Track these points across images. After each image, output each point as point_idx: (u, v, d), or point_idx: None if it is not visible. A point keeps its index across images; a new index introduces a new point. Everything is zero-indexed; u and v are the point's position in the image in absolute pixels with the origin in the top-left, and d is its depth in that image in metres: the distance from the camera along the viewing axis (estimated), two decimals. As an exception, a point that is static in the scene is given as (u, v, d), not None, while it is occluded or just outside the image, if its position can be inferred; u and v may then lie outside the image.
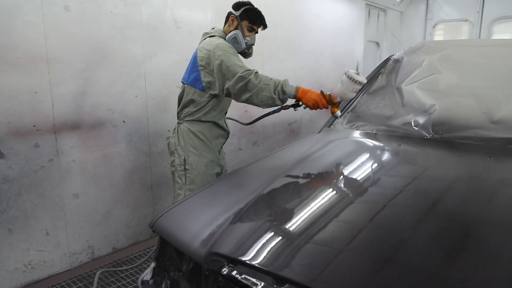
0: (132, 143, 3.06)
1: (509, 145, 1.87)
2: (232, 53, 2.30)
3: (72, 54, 2.63)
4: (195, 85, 2.38)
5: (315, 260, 1.18)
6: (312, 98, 2.22)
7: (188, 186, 2.41)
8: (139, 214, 3.21)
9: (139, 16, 2.98)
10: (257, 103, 2.25)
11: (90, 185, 2.85)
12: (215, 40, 2.36)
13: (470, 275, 1.06)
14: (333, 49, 5.34)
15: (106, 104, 2.86)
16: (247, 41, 2.45)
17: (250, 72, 2.20)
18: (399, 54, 2.81)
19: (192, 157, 2.40)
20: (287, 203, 1.61)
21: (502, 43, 2.54)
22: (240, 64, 2.24)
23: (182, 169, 2.42)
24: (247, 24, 2.43)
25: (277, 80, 2.23)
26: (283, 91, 2.21)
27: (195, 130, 2.42)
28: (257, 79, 2.19)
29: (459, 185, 1.64)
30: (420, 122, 2.19)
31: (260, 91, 2.18)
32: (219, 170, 2.57)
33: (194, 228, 1.46)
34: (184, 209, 1.63)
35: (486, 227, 1.32)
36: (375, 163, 1.99)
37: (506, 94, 2.18)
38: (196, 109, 2.40)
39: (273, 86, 2.19)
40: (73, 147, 2.72)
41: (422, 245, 1.20)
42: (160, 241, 1.62)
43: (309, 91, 2.25)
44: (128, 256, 3.07)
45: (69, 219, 2.76)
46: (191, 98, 2.40)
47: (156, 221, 1.57)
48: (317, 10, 4.91)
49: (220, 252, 1.25)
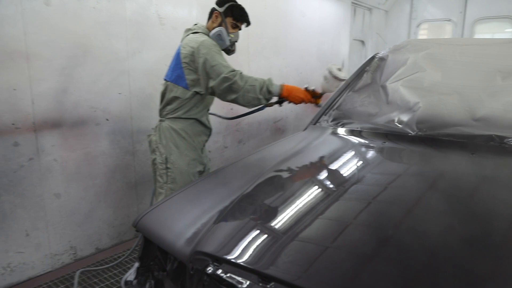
0: (115, 141, 3.01)
1: (490, 142, 1.89)
2: (217, 51, 2.28)
3: (53, 50, 2.57)
4: (178, 83, 2.35)
5: (300, 258, 1.17)
6: (298, 96, 2.31)
7: (170, 185, 2.38)
8: (123, 213, 3.16)
9: (123, 11, 2.93)
10: (243, 104, 2.26)
11: (72, 184, 2.79)
12: (199, 37, 2.32)
13: (454, 270, 1.07)
14: (319, 47, 5.35)
15: (89, 101, 2.81)
16: (231, 38, 2.43)
17: (235, 73, 2.19)
18: (384, 52, 2.82)
19: (174, 155, 2.37)
20: (272, 201, 1.59)
21: (485, 42, 2.57)
22: (224, 64, 2.22)
23: (164, 168, 2.38)
24: (231, 21, 2.41)
25: (261, 81, 2.23)
26: (269, 91, 2.24)
27: (177, 127, 2.38)
28: (242, 80, 2.19)
29: (442, 181, 1.65)
30: (405, 119, 2.20)
31: (246, 92, 2.19)
32: (202, 168, 2.54)
33: (178, 227, 1.44)
34: (168, 208, 1.60)
35: (470, 223, 1.33)
36: (360, 160, 1.99)
37: (488, 92, 2.21)
38: (178, 107, 2.37)
39: (258, 87, 2.21)
40: (54, 145, 2.66)
41: (406, 242, 1.21)
42: (143, 240, 1.59)
43: (293, 88, 2.31)
44: (112, 256, 3.01)
45: (50, 219, 2.70)
46: (174, 95, 2.36)
47: (139, 221, 1.54)
48: (303, 8, 4.91)
49: (205, 251, 1.23)
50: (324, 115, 2.63)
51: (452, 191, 1.54)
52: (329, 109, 2.67)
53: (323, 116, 2.63)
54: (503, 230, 1.28)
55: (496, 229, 1.28)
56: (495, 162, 1.81)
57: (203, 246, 1.26)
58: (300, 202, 1.51)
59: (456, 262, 1.09)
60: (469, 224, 1.32)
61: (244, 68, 4.13)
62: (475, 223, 1.33)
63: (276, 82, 2.34)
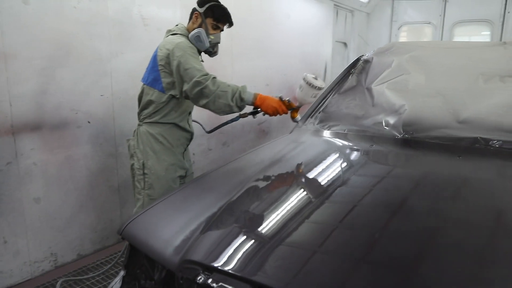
0: (97, 144, 2.94)
1: (476, 145, 1.92)
2: (191, 54, 2.20)
3: (32, 50, 2.49)
4: (154, 86, 2.28)
5: (292, 265, 1.15)
6: (271, 105, 2.18)
7: (147, 191, 2.32)
8: (106, 217, 3.09)
9: (105, 11, 2.86)
10: (214, 110, 2.17)
11: (53, 188, 2.71)
12: (175, 39, 2.26)
13: (440, 273, 1.07)
14: (302, 49, 5.35)
15: (70, 103, 2.73)
16: (211, 40, 2.34)
17: (208, 77, 2.11)
18: (368, 55, 2.84)
19: (151, 161, 2.31)
20: (261, 207, 1.57)
21: (468, 45, 2.62)
22: (198, 67, 2.14)
23: (141, 173, 2.32)
24: (212, 21, 2.32)
25: (234, 87, 2.15)
26: (241, 98, 2.14)
27: (154, 132, 2.32)
28: (214, 85, 2.10)
29: (429, 184, 1.66)
30: (391, 122, 2.21)
31: (217, 98, 2.11)
32: (183, 173, 2.48)
33: (166, 235, 1.40)
34: (154, 214, 1.56)
35: (456, 226, 1.34)
36: (347, 163, 1.99)
37: (471, 95, 2.24)
38: (155, 111, 2.30)
39: (230, 93, 2.12)
40: (33, 149, 2.57)
41: (393, 244, 1.21)
42: (129, 248, 1.55)
43: (268, 97, 2.20)
44: (94, 263, 2.94)
45: (30, 225, 2.62)
46: (150, 99, 2.30)
47: (125, 228, 1.50)
48: (287, 10, 4.91)
49: (195, 260, 1.20)
50: (310, 117, 2.63)
51: (439, 194, 1.55)
52: (315, 111, 2.66)
53: (309, 118, 2.63)
54: (489, 233, 1.29)
55: (482, 232, 1.29)
56: (481, 164, 1.83)
57: (192, 254, 1.23)
58: (290, 207, 1.49)
59: (443, 265, 1.10)
60: (456, 227, 1.33)
61: (228, 70, 4.10)
62: (461, 225, 1.33)
63: (262, 84, 2.31)
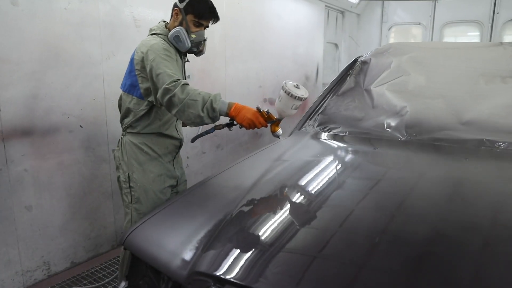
0: (90, 149, 2.86)
1: (481, 147, 1.90)
2: (165, 57, 1.96)
3: (22, 53, 2.40)
4: (132, 92, 2.09)
5: (311, 276, 1.10)
6: (247, 117, 1.86)
7: (134, 205, 2.14)
8: (99, 224, 3.00)
9: (96, 13, 2.78)
10: (185, 121, 1.92)
11: (45, 195, 2.62)
12: (151, 40, 2.04)
13: (444, 277, 1.05)
14: (294, 50, 5.33)
15: (61, 107, 2.65)
16: (192, 39, 2.08)
17: (177, 84, 1.86)
18: (366, 56, 2.82)
19: (137, 173, 2.12)
20: (268, 214, 1.52)
21: (467, 46, 2.61)
22: (169, 72, 1.90)
23: (127, 187, 2.15)
24: (193, 18, 2.07)
25: (206, 95, 1.86)
26: (213, 108, 1.84)
27: (138, 142, 2.12)
28: (183, 93, 1.84)
29: (440, 187, 1.63)
30: (393, 124, 2.19)
31: (186, 107, 1.84)
32: (173, 182, 2.28)
33: (170, 245, 1.34)
34: (157, 223, 1.50)
35: (468, 230, 1.31)
36: (352, 167, 1.95)
37: (473, 96, 2.23)
38: (135, 119, 2.10)
39: (201, 103, 1.83)
40: (24, 155, 2.48)
41: (400, 249, 1.19)
42: (130, 257, 1.48)
43: (244, 108, 1.88)
44: (89, 270, 2.86)
45: (21, 233, 2.52)
46: (128, 106, 2.11)
47: (127, 237, 1.44)
48: (279, 11, 4.88)
49: (205, 272, 1.14)
50: (309, 119, 2.59)
51: (451, 197, 1.52)
52: (314, 113, 2.63)
53: (308, 121, 2.59)
54: (499, 237, 1.26)
55: (491, 236, 1.27)
56: (489, 167, 1.81)
57: (202, 266, 1.17)
58: (298, 214, 1.45)
59: (449, 270, 1.08)
60: (467, 231, 1.31)
61: (221, 72, 4.05)
62: (473, 230, 1.31)
63: (255, 86, 2.19)
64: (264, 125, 1.90)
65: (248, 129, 1.90)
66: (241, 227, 1.41)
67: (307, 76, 5.66)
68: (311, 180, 1.81)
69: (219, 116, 1.88)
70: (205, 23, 2.12)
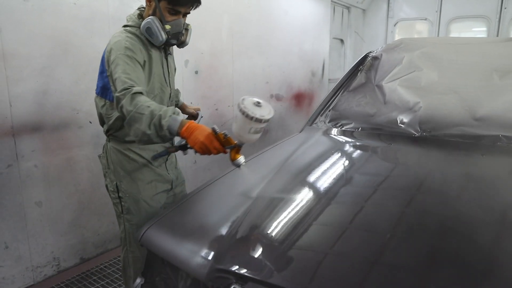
0: (99, 145, 2.84)
1: (498, 143, 1.88)
2: (124, 58, 1.66)
3: (31, 48, 2.39)
4: (105, 96, 1.83)
5: (336, 274, 1.09)
6: (199, 140, 1.48)
7: (126, 216, 1.92)
8: (108, 220, 3.00)
9: (105, 8, 2.77)
10: (132, 137, 1.61)
11: (54, 191, 2.62)
12: (116, 36, 1.76)
13: (457, 274, 1.05)
14: (301, 46, 5.30)
15: (71, 103, 2.64)
16: (168, 30, 1.76)
17: (127, 93, 1.56)
18: (377, 51, 2.79)
19: (124, 183, 1.88)
20: (286, 211, 1.50)
21: (479, 41, 2.59)
22: (123, 78, 1.61)
23: (116, 197, 1.91)
24: (166, 5, 1.73)
25: (157, 109, 1.53)
26: (161, 125, 1.51)
27: (122, 149, 1.86)
28: (131, 104, 1.55)
29: (457, 183, 1.62)
30: (406, 120, 2.17)
31: (133, 121, 1.55)
32: (167, 187, 2.02)
33: (189, 242, 1.33)
34: (173, 219, 1.49)
35: (485, 228, 1.30)
36: (370, 163, 1.93)
37: (486, 92, 2.21)
38: (109, 126, 1.85)
39: (148, 118, 1.52)
40: (34, 150, 2.48)
41: (412, 246, 1.19)
42: (146, 254, 1.48)
43: (198, 128, 1.52)
44: (98, 266, 2.86)
45: (31, 229, 2.52)
46: (100, 112, 1.88)
47: (144, 234, 1.43)
48: (285, 6, 4.85)
49: (227, 269, 1.13)
50: (320, 115, 2.58)
51: (470, 194, 1.51)
52: (325, 109, 2.61)
53: (319, 116, 2.57)
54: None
55: (507, 233, 1.25)
56: (506, 163, 1.79)
57: (222, 262, 1.17)
58: (316, 210, 1.43)
59: (463, 267, 1.08)
60: (482, 227, 1.30)
61: (228, 69, 4.03)
62: (488, 226, 1.31)
63: (262, 83, 2.05)
64: (220, 150, 1.52)
65: (202, 154, 1.53)
66: (258, 224, 1.40)
67: (313, 72, 5.63)
68: (326, 176, 1.80)
69: (169, 136, 1.54)
70: (183, 9, 1.77)
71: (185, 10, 1.79)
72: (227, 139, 1.51)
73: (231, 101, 4.13)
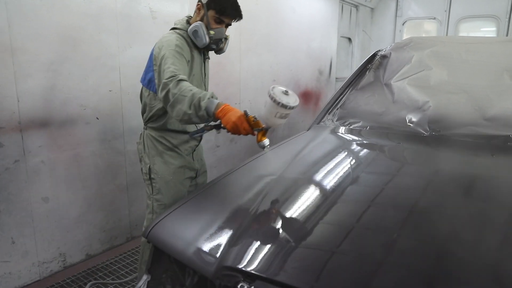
0: (106, 141, 2.85)
1: (508, 143, 1.85)
2: (174, 53, 1.92)
3: (40, 43, 2.39)
4: (149, 87, 2.08)
5: (343, 273, 1.08)
6: (231, 120, 1.67)
7: (155, 196, 2.16)
8: (114, 217, 3.00)
9: (114, 4, 2.76)
10: (175, 118, 1.83)
11: (61, 187, 2.62)
12: (167, 36, 2.03)
13: (464, 274, 1.05)
14: (309, 44, 5.27)
15: (78, 99, 2.64)
16: (211, 35, 2.03)
17: (174, 79, 1.80)
18: (386, 50, 2.77)
19: (158, 165, 2.13)
20: (293, 209, 1.49)
21: (489, 40, 2.55)
22: (172, 68, 1.85)
23: (148, 178, 2.17)
24: (214, 14, 2.02)
25: (197, 92, 1.74)
26: (200, 106, 1.71)
27: (157, 136, 2.13)
28: (176, 88, 1.77)
29: (467, 183, 1.60)
30: (415, 119, 2.15)
31: (176, 102, 1.77)
32: (193, 174, 2.27)
33: (196, 239, 1.32)
34: (181, 216, 1.48)
35: (495, 228, 1.29)
36: (378, 162, 1.91)
37: (496, 91, 2.18)
38: (151, 114, 2.11)
39: (189, 99, 1.73)
40: (41, 146, 2.48)
41: (419, 246, 1.18)
42: (153, 250, 1.47)
43: (232, 110, 1.71)
44: (104, 263, 2.86)
45: (38, 225, 2.53)
46: (145, 101, 2.13)
47: (151, 230, 1.42)
48: (294, 4, 4.82)
49: (235, 266, 1.12)
50: (328, 114, 2.56)
51: (478, 194, 1.49)
52: (333, 107, 2.59)
53: (326, 115, 2.55)
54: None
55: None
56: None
57: (230, 260, 1.15)
58: (327, 211, 1.42)
59: (468, 267, 1.08)
60: (492, 228, 1.28)
61: (236, 66, 4.02)
62: (498, 225, 1.29)
63: (269, 80, 2.15)
64: (249, 131, 1.70)
65: (232, 133, 1.73)
66: (266, 221, 1.39)
67: (320, 70, 5.60)
68: (334, 175, 1.78)
69: (207, 116, 1.73)
70: (227, 20, 2.06)
71: (229, 21, 2.08)
72: (256, 122, 1.70)
73: (238, 98, 4.11)
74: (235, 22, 2.13)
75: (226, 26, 2.10)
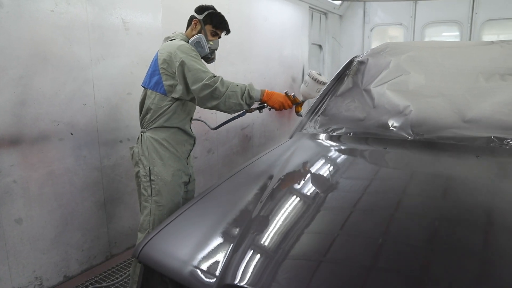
0: (81, 157, 2.74)
1: (490, 144, 1.90)
2: (194, 56, 2.23)
3: (7, 57, 2.28)
4: (156, 89, 2.28)
5: (333, 283, 1.06)
6: (278, 100, 2.26)
7: (154, 198, 2.29)
8: (92, 235, 2.88)
9: (84, 15, 2.67)
10: (225, 110, 2.24)
11: (35, 207, 2.49)
12: (177, 42, 2.28)
13: (451, 276, 1.05)
14: (281, 52, 5.30)
15: (50, 114, 2.52)
16: (210, 46, 2.40)
17: (216, 80, 2.16)
18: (363, 56, 2.80)
19: (158, 167, 2.28)
20: (287, 220, 1.44)
21: (463, 44, 2.63)
22: (203, 69, 2.18)
23: (147, 180, 2.29)
24: (211, 28, 2.38)
25: (243, 86, 2.22)
26: (250, 96, 2.21)
27: (159, 138, 2.30)
28: (224, 86, 2.16)
29: (459, 186, 1.62)
30: (398, 124, 2.17)
31: (228, 98, 2.16)
32: (187, 179, 2.47)
33: (191, 256, 1.26)
34: (172, 233, 1.42)
35: (483, 229, 1.30)
36: (364, 168, 1.92)
37: (472, 94, 2.24)
38: (158, 114, 2.29)
39: (240, 93, 2.18)
40: (13, 165, 2.35)
41: (405, 249, 1.18)
42: (143, 270, 1.40)
43: (274, 93, 2.28)
44: (83, 284, 2.73)
45: (11, 248, 2.39)
46: (152, 102, 2.29)
47: (142, 250, 1.35)
48: (265, 12, 4.84)
49: (237, 284, 1.07)
50: (309, 121, 2.55)
51: (473, 196, 1.51)
52: (314, 114, 2.59)
53: (308, 122, 2.55)
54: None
55: (505, 235, 1.25)
56: (501, 164, 1.81)
57: (230, 278, 1.11)
58: (322, 220, 1.40)
59: (458, 269, 1.08)
60: (480, 230, 1.30)
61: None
62: (487, 227, 1.31)
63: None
64: (291, 106, 2.30)
65: (277, 110, 2.28)
66: (261, 235, 1.35)
67: (293, 77, 5.63)
68: (324, 182, 1.77)
69: (253, 102, 2.26)
70: (220, 33, 2.44)
71: (220, 34, 2.45)
72: (295, 99, 2.30)
73: (214, 108, 4.06)
74: (225, 35, 2.50)
75: (218, 38, 2.45)
